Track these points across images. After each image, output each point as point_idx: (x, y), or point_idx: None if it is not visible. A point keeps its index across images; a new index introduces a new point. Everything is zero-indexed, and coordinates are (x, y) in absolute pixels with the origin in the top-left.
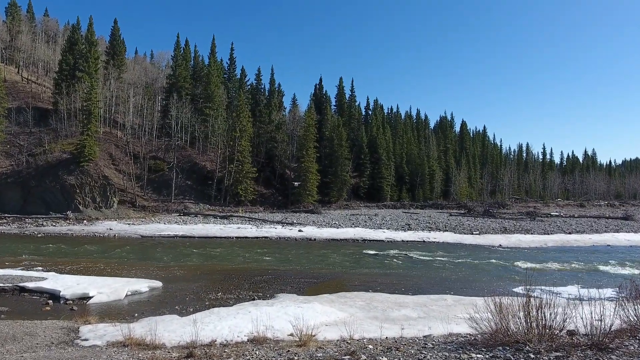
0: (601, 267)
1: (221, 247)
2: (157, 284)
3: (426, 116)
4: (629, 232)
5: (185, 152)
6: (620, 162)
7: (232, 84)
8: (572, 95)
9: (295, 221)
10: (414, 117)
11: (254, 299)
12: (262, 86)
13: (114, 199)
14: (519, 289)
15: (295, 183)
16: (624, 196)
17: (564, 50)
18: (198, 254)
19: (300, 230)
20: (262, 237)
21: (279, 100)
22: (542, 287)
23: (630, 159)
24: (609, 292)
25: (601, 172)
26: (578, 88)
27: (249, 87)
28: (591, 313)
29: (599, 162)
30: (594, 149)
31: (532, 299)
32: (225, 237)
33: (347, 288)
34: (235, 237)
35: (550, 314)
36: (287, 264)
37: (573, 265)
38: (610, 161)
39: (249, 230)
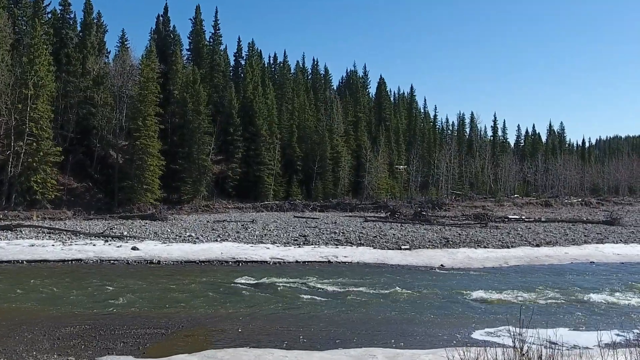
0: (590, 296)
1: (1, 277)
2: None
3: (327, 70)
4: (617, 242)
5: None
6: (594, 142)
7: (22, 10)
8: (531, 49)
9: (126, 233)
10: (309, 70)
11: None
12: (72, 15)
13: None
14: (481, 334)
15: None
16: (602, 190)
17: None
18: None
19: (135, 248)
20: (72, 260)
21: (100, 38)
22: (511, 328)
23: (608, 137)
24: (607, 334)
25: (572, 156)
26: (540, 40)
27: (49, 16)
28: None
29: (568, 142)
30: (562, 124)
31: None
32: (8, 261)
33: (217, 342)
34: (27, 261)
35: None
36: (115, 304)
37: (551, 293)
38: (583, 140)
39: (50, 248)
